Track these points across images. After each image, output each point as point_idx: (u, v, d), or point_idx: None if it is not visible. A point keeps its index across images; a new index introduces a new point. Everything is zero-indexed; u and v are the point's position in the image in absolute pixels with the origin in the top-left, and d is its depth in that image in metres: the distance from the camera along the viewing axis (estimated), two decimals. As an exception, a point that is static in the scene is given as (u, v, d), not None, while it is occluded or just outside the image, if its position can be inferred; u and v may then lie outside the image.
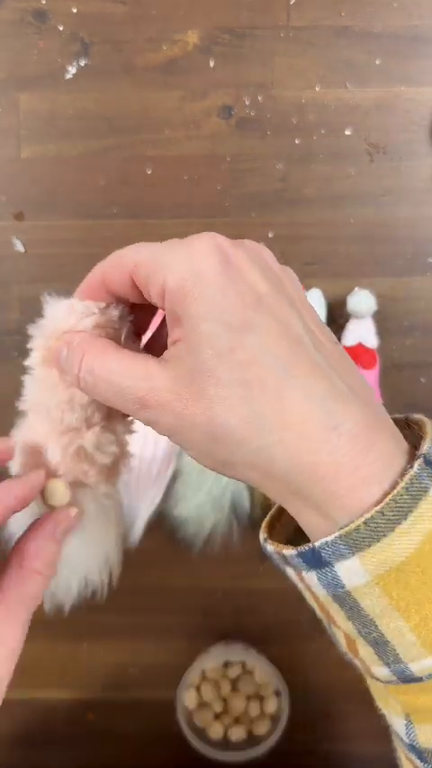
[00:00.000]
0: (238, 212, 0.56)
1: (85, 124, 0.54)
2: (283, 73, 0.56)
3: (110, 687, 0.60)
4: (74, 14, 0.55)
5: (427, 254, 0.57)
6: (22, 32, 0.55)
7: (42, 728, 0.61)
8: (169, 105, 0.56)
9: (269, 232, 0.56)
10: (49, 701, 0.61)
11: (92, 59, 0.55)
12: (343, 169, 0.56)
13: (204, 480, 0.54)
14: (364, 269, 0.57)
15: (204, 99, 0.56)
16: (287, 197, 0.56)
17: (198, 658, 0.59)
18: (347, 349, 0.55)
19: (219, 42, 0.55)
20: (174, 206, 0.56)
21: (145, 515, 0.55)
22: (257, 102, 0.56)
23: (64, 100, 0.56)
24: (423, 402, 0.58)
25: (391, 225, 0.57)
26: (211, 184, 0.56)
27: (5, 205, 0.56)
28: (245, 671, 0.59)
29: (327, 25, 0.55)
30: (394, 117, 0.56)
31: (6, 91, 0.56)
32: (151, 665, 0.60)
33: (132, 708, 0.61)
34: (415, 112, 0.56)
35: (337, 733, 0.60)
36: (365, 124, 0.56)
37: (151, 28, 0.55)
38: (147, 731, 0.61)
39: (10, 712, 0.61)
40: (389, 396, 0.57)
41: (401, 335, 0.57)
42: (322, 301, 0.55)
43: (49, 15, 0.55)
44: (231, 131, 0.56)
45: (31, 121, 0.55)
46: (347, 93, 0.56)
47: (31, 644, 0.64)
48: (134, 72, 0.56)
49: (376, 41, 0.55)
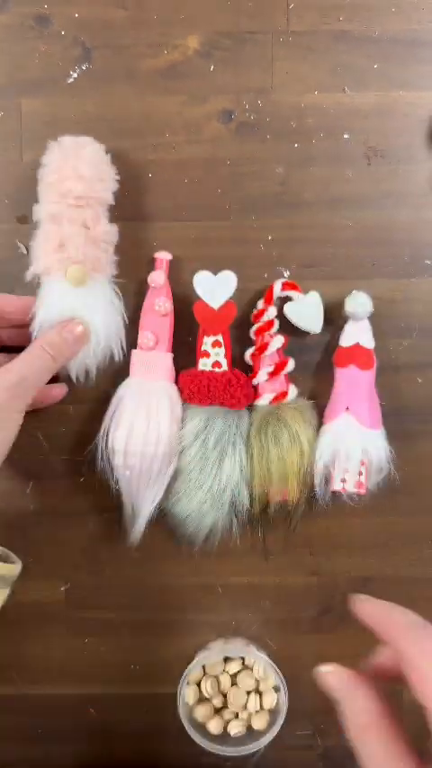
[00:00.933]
0: (238, 215, 0.57)
1: (87, 128, 0.55)
2: (283, 77, 0.56)
3: (111, 682, 0.61)
4: (75, 19, 0.56)
5: (425, 257, 0.57)
6: (24, 37, 0.56)
7: (43, 724, 0.62)
8: (170, 109, 0.56)
9: (269, 235, 0.57)
10: (50, 696, 0.62)
11: (93, 64, 0.56)
12: (342, 173, 0.57)
13: (205, 478, 0.55)
14: (362, 271, 0.58)
15: (205, 103, 0.56)
16: (286, 200, 0.57)
17: (198, 654, 0.59)
18: (345, 350, 0.55)
19: (219, 47, 0.56)
20: (174, 209, 0.57)
21: (146, 513, 0.56)
22: (257, 107, 0.56)
23: (66, 104, 0.56)
24: (419, 403, 0.59)
25: (389, 228, 0.57)
26: (212, 188, 0.57)
27: (8, 208, 0.57)
28: (244, 666, 0.60)
29: (326, 30, 0.56)
30: (393, 121, 0.57)
31: (8, 95, 0.56)
32: (152, 660, 0.61)
33: (134, 703, 0.62)
34: (413, 116, 0.57)
35: (335, 729, 0.61)
36: (364, 128, 0.57)
37: (152, 33, 0.56)
38: (148, 726, 0.62)
39: (10, 707, 0.61)
40: (386, 397, 0.57)
41: (398, 337, 0.58)
42: (320, 303, 0.56)
43: (50, 20, 0.56)
44: (231, 135, 0.57)
45: (33, 125, 0.56)
46: (346, 97, 0.56)
47: (32, 639, 0.65)
48: (135, 76, 0.56)
49: (375, 46, 0.56)
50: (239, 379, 0.56)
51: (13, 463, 0.59)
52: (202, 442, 0.55)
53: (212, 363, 0.56)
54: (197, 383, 0.55)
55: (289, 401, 0.56)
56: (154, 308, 0.56)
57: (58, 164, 0.52)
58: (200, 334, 0.56)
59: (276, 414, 0.55)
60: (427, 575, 0.60)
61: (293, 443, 0.55)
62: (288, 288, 0.56)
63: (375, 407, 0.56)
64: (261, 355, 0.56)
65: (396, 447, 0.57)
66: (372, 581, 0.60)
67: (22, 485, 0.59)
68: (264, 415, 0.56)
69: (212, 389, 0.55)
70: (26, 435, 0.59)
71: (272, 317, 0.56)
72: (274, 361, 0.56)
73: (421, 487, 0.59)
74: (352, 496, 0.56)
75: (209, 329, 0.56)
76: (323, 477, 0.55)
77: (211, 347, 0.56)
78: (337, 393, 0.56)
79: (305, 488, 0.56)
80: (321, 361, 0.58)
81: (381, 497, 0.58)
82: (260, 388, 0.57)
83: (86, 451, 0.57)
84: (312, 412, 0.57)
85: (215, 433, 0.55)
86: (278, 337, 0.56)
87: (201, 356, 0.56)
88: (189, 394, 0.55)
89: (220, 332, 0.56)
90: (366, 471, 0.55)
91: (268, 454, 0.55)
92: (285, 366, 0.56)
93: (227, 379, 0.55)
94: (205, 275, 0.56)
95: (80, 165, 0.51)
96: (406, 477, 0.58)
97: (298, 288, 0.56)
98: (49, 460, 0.59)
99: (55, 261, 0.52)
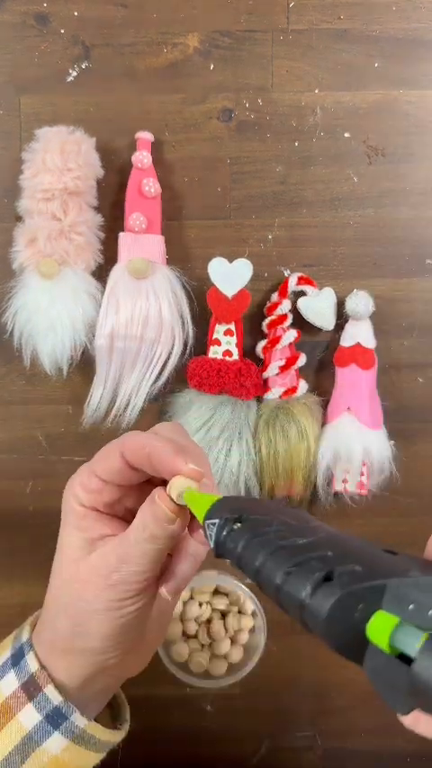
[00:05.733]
0: (238, 214, 0.57)
1: (86, 127, 0.54)
2: (283, 76, 0.56)
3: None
4: (75, 18, 0.56)
5: (425, 256, 0.57)
6: (24, 35, 0.56)
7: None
8: (170, 108, 0.56)
9: (269, 234, 0.57)
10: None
11: (93, 62, 0.56)
12: (342, 171, 0.57)
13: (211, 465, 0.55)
14: (363, 270, 0.57)
15: (204, 102, 0.56)
16: (287, 199, 0.57)
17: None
18: (345, 350, 0.55)
19: (219, 45, 0.56)
20: (174, 208, 0.57)
21: (125, 396, 0.56)
22: (257, 105, 0.56)
23: (65, 102, 0.56)
24: (420, 402, 0.59)
25: (390, 227, 0.57)
26: (212, 187, 0.57)
27: (8, 207, 0.56)
28: (230, 606, 0.60)
29: (325, 28, 0.56)
30: (393, 120, 0.56)
31: (8, 93, 0.56)
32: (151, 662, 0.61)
33: (135, 704, 0.62)
34: (413, 115, 0.56)
35: (334, 729, 0.61)
36: (364, 127, 0.56)
37: (152, 31, 0.56)
38: (149, 727, 0.62)
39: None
40: (386, 396, 0.57)
41: (399, 336, 0.58)
42: (334, 300, 0.56)
43: (50, 19, 0.56)
44: (231, 134, 0.56)
45: (33, 124, 0.56)
46: (346, 95, 0.56)
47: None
48: (135, 75, 0.56)
49: (375, 44, 0.56)
50: (250, 368, 0.55)
51: (12, 463, 0.59)
52: (208, 431, 0.55)
53: (223, 352, 0.56)
54: (207, 370, 0.55)
55: (298, 396, 0.56)
56: (142, 190, 0.54)
57: (32, 159, 0.52)
58: (212, 322, 0.56)
59: (286, 408, 0.55)
60: (428, 575, 0.60)
61: (301, 439, 0.55)
62: (303, 282, 0.56)
63: (376, 407, 0.56)
64: (273, 348, 0.56)
65: (397, 447, 0.56)
66: (372, 581, 0.60)
67: (23, 485, 0.59)
68: (273, 408, 0.55)
69: (222, 377, 0.54)
70: (25, 435, 0.59)
71: (285, 312, 0.56)
72: (285, 355, 0.56)
73: (421, 487, 0.59)
74: (353, 497, 0.56)
75: (221, 317, 0.55)
76: (325, 478, 0.55)
77: (222, 335, 0.56)
78: (339, 393, 0.56)
79: (309, 485, 0.56)
80: (322, 360, 0.58)
81: (381, 497, 0.58)
82: (270, 381, 0.56)
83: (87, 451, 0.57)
84: (319, 409, 0.57)
85: (222, 421, 0.55)
86: (291, 331, 0.56)
87: (212, 344, 0.56)
88: (198, 381, 0.55)
89: (232, 320, 0.55)
90: (368, 472, 0.55)
91: (276, 447, 0.55)
92: (297, 361, 0.56)
93: (237, 368, 0.55)
94: (221, 262, 0.55)
95: (48, 156, 0.51)
96: (407, 477, 0.58)
97: (313, 283, 0.56)
98: (50, 460, 0.59)
99: (28, 255, 0.53)
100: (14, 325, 0.54)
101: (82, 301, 0.54)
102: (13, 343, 0.55)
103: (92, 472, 0.34)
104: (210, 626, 0.59)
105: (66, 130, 0.53)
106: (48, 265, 0.52)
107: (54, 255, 0.52)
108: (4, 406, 0.58)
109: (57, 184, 0.51)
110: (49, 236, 0.52)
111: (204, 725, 0.61)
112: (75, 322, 0.54)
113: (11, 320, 0.54)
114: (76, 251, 0.53)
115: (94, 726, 0.35)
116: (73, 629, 0.33)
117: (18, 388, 0.58)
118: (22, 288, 0.54)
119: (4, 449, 0.59)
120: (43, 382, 0.58)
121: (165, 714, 0.61)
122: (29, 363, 0.56)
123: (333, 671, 0.60)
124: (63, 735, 0.33)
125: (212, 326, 0.56)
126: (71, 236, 0.53)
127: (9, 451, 0.59)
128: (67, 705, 0.33)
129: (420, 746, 0.61)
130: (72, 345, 0.54)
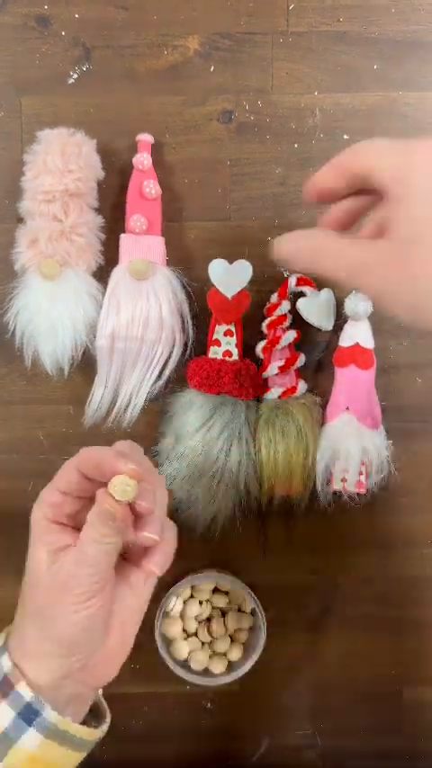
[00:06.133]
0: (238, 216, 0.57)
1: (87, 128, 0.55)
2: (282, 78, 0.56)
3: (113, 682, 0.61)
4: (76, 20, 0.56)
5: (424, 257, 0.58)
6: (25, 37, 0.56)
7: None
8: (170, 110, 0.56)
9: (268, 236, 0.57)
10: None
11: (93, 64, 0.56)
12: (341, 173, 0.57)
13: (210, 466, 0.55)
14: (362, 271, 0.58)
15: (205, 104, 0.56)
16: (286, 201, 0.57)
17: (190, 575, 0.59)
18: (344, 350, 0.56)
19: (219, 47, 0.56)
20: (174, 210, 0.57)
21: (125, 396, 0.57)
22: (257, 107, 0.56)
23: (66, 104, 0.56)
24: (418, 402, 0.59)
25: (389, 228, 0.57)
26: (212, 188, 0.57)
27: (9, 208, 0.57)
28: (229, 604, 0.60)
29: (325, 30, 0.56)
30: (392, 122, 0.57)
31: (9, 95, 0.56)
32: (152, 661, 0.61)
33: (135, 701, 0.62)
34: (412, 117, 0.57)
35: (334, 728, 0.62)
36: (363, 128, 0.57)
37: (152, 33, 0.56)
38: (149, 724, 0.62)
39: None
40: (385, 396, 0.58)
41: (398, 337, 0.58)
42: (333, 301, 0.56)
43: (51, 21, 0.56)
44: (231, 136, 0.57)
45: (34, 125, 0.56)
46: (346, 97, 0.56)
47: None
48: (135, 77, 0.56)
49: (374, 46, 0.56)
50: (249, 369, 0.56)
51: (13, 463, 0.59)
52: (208, 431, 0.55)
53: (223, 352, 0.56)
54: (207, 370, 0.55)
55: (298, 396, 0.56)
56: (143, 192, 0.55)
57: (34, 160, 0.53)
58: (212, 323, 0.56)
59: (285, 408, 0.56)
60: (426, 575, 0.60)
61: (300, 439, 0.55)
62: (302, 283, 0.56)
63: (375, 407, 0.56)
64: (272, 349, 0.56)
65: (396, 447, 0.57)
66: (372, 581, 0.60)
67: (23, 485, 0.59)
68: (272, 408, 0.56)
69: (222, 378, 0.55)
70: (26, 435, 0.59)
71: (285, 312, 0.56)
72: (284, 355, 0.56)
73: (421, 487, 0.60)
74: (352, 496, 0.56)
75: (221, 318, 0.56)
76: (324, 477, 0.56)
77: (222, 336, 0.56)
78: (337, 393, 0.56)
79: (308, 484, 0.56)
80: (322, 360, 0.58)
81: (381, 497, 0.58)
82: (270, 381, 0.57)
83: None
84: (319, 409, 0.57)
85: (222, 421, 0.55)
86: (290, 332, 0.56)
87: (212, 344, 0.56)
88: (199, 381, 0.55)
89: (232, 321, 0.56)
90: (366, 471, 0.55)
91: (275, 447, 0.55)
92: (296, 361, 0.56)
93: (237, 369, 0.55)
94: (221, 263, 0.56)
95: (49, 158, 0.52)
96: (406, 477, 0.58)
97: (312, 284, 0.56)
98: (50, 460, 0.59)
99: (30, 257, 0.53)
100: (16, 325, 0.55)
101: (83, 302, 0.54)
102: (14, 343, 0.56)
103: (54, 487, 0.38)
104: (210, 624, 0.59)
105: (66, 132, 0.53)
106: (49, 266, 0.52)
107: (55, 256, 0.53)
108: (5, 406, 0.59)
109: (58, 186, 0.52)
110: (50, 238, 0.52)
111: (204, 722, 0.62)
112: (76, 322, 0.54)
113: (12, 320, 0.55)
114: (77, 252, 0.53)
115: (68, 722, 0.37)
116: (38, 634, 0.36)
117: (19, 388, 0.59)
118: (23, 288, 0.54)
119: (4, 449, 0.59)
120: (44, 382, 0.58)
121: (165, 711, 0.61)
122: (30, 363, 0.57)
123: (333, 669, 0.61)
124: (37, 730, 0.35)
125: (212, 327, 0.56)
126: (72, 237, 0.53)
127: (10, 451, 0.59)
128: (38, 700, 0.35)
129: (420, 746, 0.62)
130: (73, 346, 0.55)
